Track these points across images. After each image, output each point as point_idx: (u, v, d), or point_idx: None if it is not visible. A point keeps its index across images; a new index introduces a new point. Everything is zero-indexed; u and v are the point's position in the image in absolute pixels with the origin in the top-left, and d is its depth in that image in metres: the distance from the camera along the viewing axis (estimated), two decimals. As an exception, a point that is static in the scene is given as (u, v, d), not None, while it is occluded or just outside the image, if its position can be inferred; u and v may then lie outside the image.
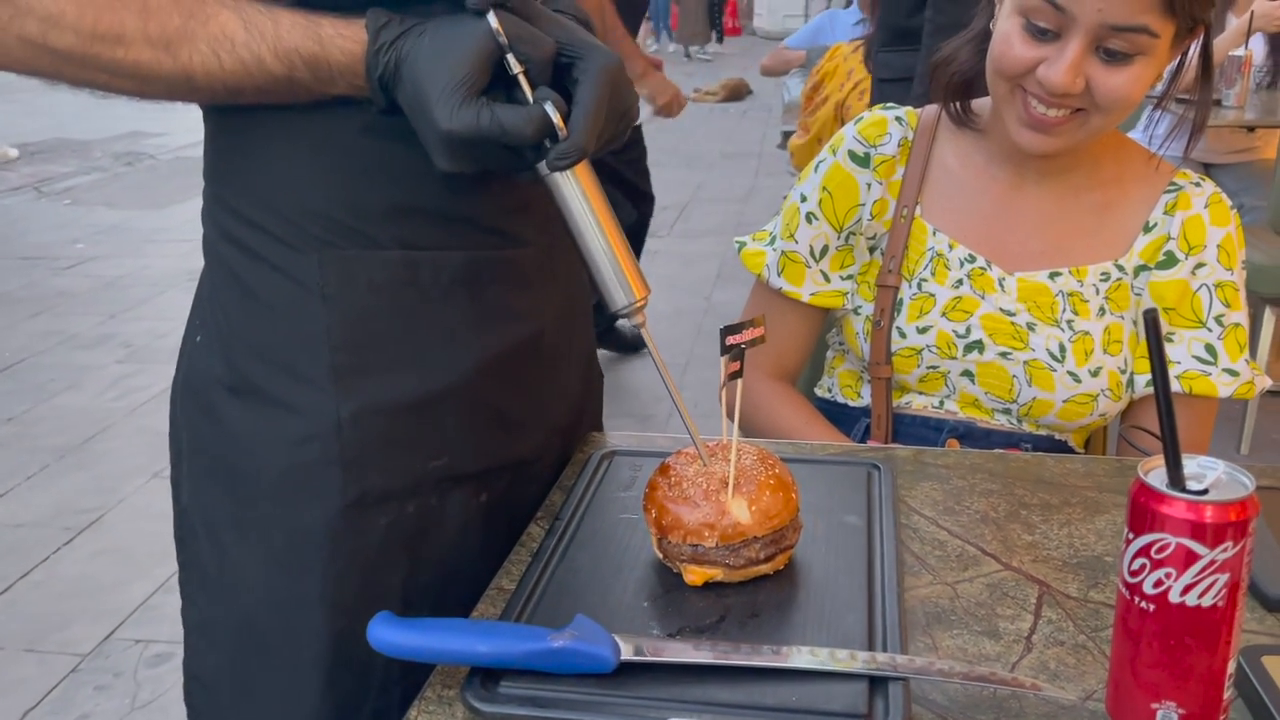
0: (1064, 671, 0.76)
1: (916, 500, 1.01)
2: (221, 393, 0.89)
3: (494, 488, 0.95)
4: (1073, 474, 1.06)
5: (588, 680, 0.72)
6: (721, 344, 0.81)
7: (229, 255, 0.88)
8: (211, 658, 0.94)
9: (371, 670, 0.89)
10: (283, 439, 0.87)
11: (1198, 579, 0.63)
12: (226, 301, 0.90)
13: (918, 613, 0.83)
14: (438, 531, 0.92)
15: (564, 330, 1.00)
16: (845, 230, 1.31)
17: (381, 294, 0.86)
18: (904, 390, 1.30)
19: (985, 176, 1.28)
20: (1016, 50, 1.13)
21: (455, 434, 0.90)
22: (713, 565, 0.83)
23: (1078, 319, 1.22)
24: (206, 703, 0.96)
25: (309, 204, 0.84)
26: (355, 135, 0.83)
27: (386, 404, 0.87)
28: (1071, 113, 1.13)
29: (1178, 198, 1.22)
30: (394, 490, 0.89)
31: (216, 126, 0.88)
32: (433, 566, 0.92)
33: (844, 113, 2.86)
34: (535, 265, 0.93)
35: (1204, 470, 0.66)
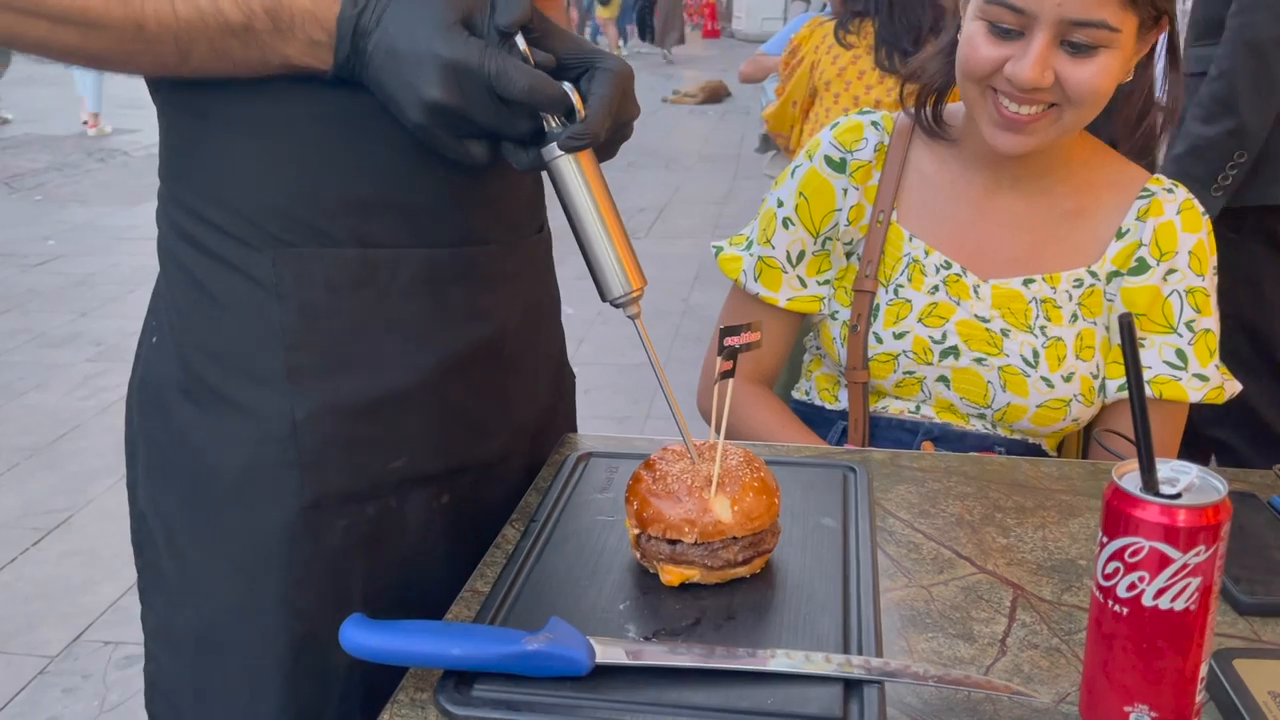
0: (1038, 674, 0.76)
1: (892, 503, 1.01)
2: (176, 395, 0.88)
3: (457, 489, 0.94)
4: (1047, 477, 1.06)
5: (562, 683, 0.72)
6: (720, 345, 0.82)
7: (183, 254, 0.87)
8: (171, 664, 0.93)
9: (333, 675, 0.88)
10: (238, 441, 0.85)
11: (1170, 582, 0.64)
12: (181, 301, 0.88)
13: (893, 615, 0.83)
14: (399, 533, 0.91)
15: (528, 331, 0.99)
16: (822, 235, 1.31)
17: (338, 292, 0.84)
18: (880, 394, 1.31)
19: (961, 182, 1.29)
20: (982, 51, 1.14)
21: (415, 435, 0.89)
22: (690, 565, 0.83)
23: (1051, 325, 1.23)
24: (167, 710, 0.95)
25: (264, 200, 0.83)
26: (311, 124, 0.81)
27: (344, 404, 0.86)
28: (1044, 109, 1.14)
29: (1150, 204, 1.23)
30: (353, 492, 0.87)
31: (170, 121, 0.87)
32: (394, 568, 0.91)
33: (815, 74, 2.89)
34: (497, 264, 0.92)
35: (1177, 474, 0.67)
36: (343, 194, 0.83)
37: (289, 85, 0.79)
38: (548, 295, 1.05)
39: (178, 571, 0.90)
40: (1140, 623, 0.65)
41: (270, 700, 0.87)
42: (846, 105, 2.81)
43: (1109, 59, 1.11)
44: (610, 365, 4.09)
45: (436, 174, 0.85)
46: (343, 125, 0.82)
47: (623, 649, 0.74)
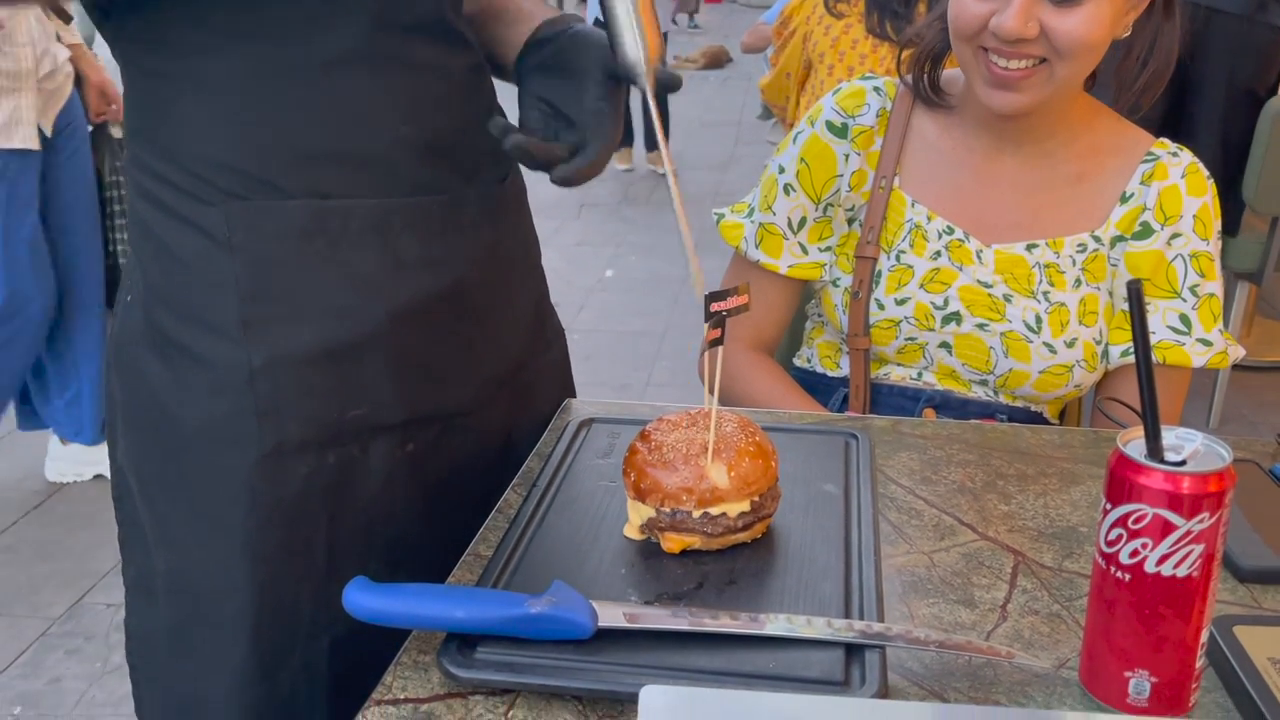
0: (1038, 640, 0.76)
1: (894, 470, 1.01)
2: (144, 348, 0.90)
3: (420, 438, 0.94)
4: (1049, 445, 1.06)
5: (565, 646, 0.72)
6: (705, 310, 0.81)
7: (145, 212, 0.88)
8: (147, 614, 0.95)
9: (298, 620, 0.90)
10: (198, 391, 0.87)
11: (1174, 549, 0.64)
12: (145, 259, 0.89)
13: (894, 581, 0.83)
14: (362, 482, 0.91)
15: (494, 281, 0.99)
16: (823, 202, 1.30)
17: (289, 243, 0.85)
18: (882, 361, 1.31)
19: (963, 148, 1.28)
20: (970, 8, 1.14)
21: (375, 384, 0.90)
22: (691, 532, 0.83)
23: (1054, 290, 1.23)
24: (145, 662, 0.97)
25: (215, 155, 0.84)
26: (260, 79, 0.82)
27: (299, 353, 0.87)
28: (1035, 65, 1.13)
29: (1154, 168, 1.23)
30: (312, 440, 0.88)
31: (129, 80, 0.87)
32: (358, 517, 0.92)
33: (808, 44, 2.87)
34: (449, 213, 0.92)
35: (1182, 441, 0.67)
36: (294, 147, 0.84)
37: (238, 40, 0.80)
38: (518, 245, 1.04)
39: (151, 523, 0.92)
40: (1142, 589, 0.65)
41: (238, 647, 0.89)
42: (841, 76, 2.78)
43: (1096, 8, 1.10)
44: (610, 332, 4.09)
45: (387, 125, 0.86)
46: (292, 79, 0.82)
47: (624, 612, 0.74)
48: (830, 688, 0.69)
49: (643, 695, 0.56)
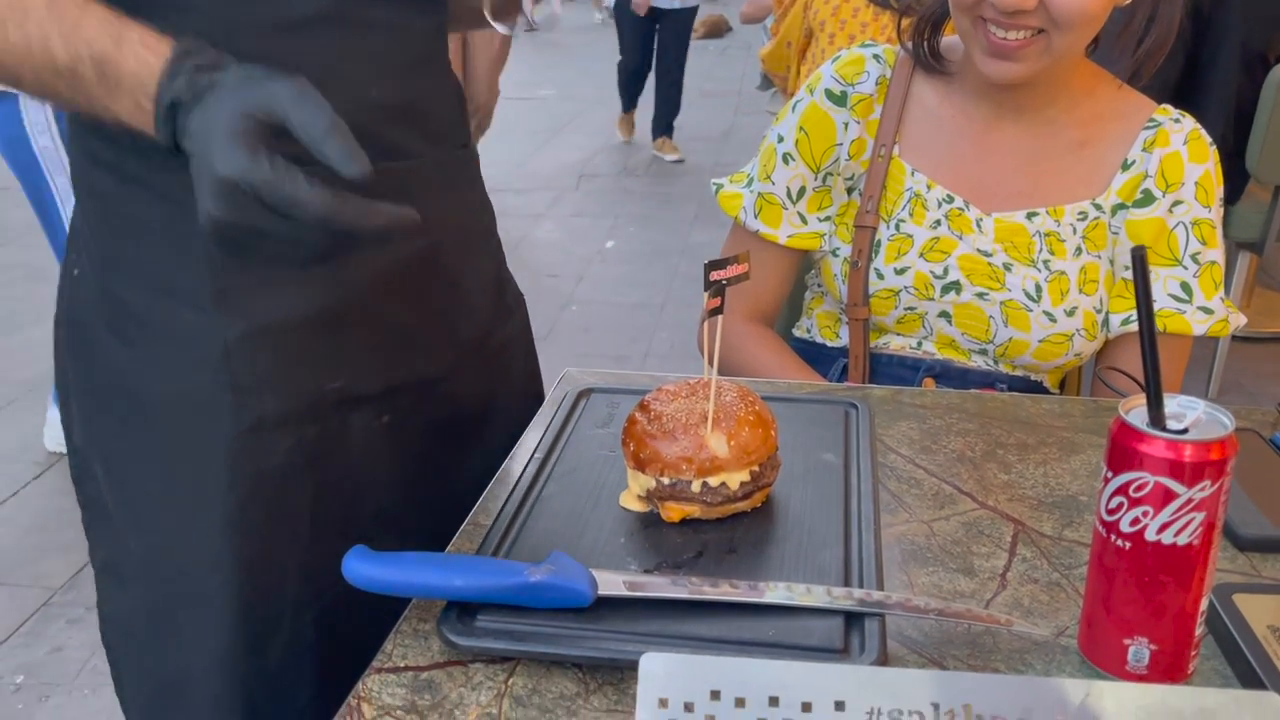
0: (1038, 608, 0.77)
1: (894, 439, 1.01)
2: (103, 327, 0.87)
3: (397, 407, 0.94)
4: (1049, 414, 1.06)
5: (564, 615, 0.72)
6: (705, 279, 0.80)
7: (100, 181, 0.86)
8: (122, 597, 0.93)
9: (284, 594, 0.89)
10: (171, 367, 0.85)
11: (1174, 517, 0.64)
12: (100, 230, 0.86)
13: (894, 550, 0.83)
14: (342, 454, 0.90)
15: (463, 247, 0.98)
16: (823, 171, 1.29)
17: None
18: (882, 331, 1.30)
19: (963, 115, 1.27)
20: None
21: (352, 353, 0.89)
22: (690, 502, 0.83)
23: (1054, 259, 1.22)
24: (123, 643, 0.95)
25: None
26: (230, 39, 0.76)
27: (275, 324, 0.85)
28: (1032, 35, 1.12)
29: (1157, 134, 1.22)
30: (291, 413, 0.87)
31: None
32: (339, 488, 0.91)
33: (809, 12, 2.85)
34: (423, 178, 0.91)
35: (1184, 409, 0.67)
36: None
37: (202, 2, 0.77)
38: (481, 211, 1.04)
39: (122, 504, 0.90)
40: (1143, 557, 0.65)
41: (222, 627, 0.88)
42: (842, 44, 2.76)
43: None
44: (608, 304, 4.08)
45: (356, 88, 0.84)
46: (259, 41, 0.79)
47: (624, 580, 0.74)
48: (830, 655, 0.69)
49: (643, 663, 0.56)
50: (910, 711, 0.56)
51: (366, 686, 0.69)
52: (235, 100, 0.67)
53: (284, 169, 0.66)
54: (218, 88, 0.68)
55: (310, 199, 0.66)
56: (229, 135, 0.66)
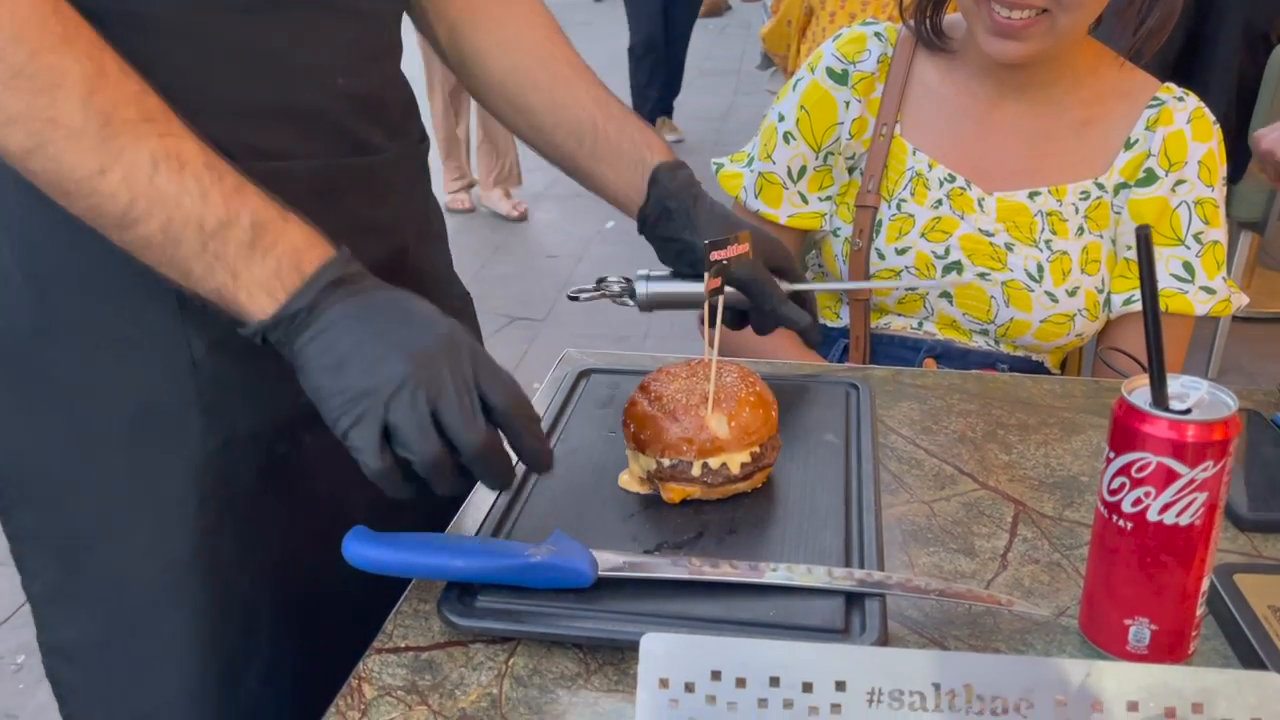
0: (1038, 589, 0.77)
1: (894, 420, 1.01)
2: (41, 338, 0.79)
3: None
4: (1050, 395, 1.06)
5: (565, 595, 0.72)
6: (705, 259, 0.80)
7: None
8: (72, 628, 0.86)
9: (258, 624, 0.84)
10: (130, 382, 0.78)
11: (1176, 498, 0.64)
12: (38, 234, 0.77)
13: (895, 530, 0.83)
14: (316, 469, 0.84)
15: (424, 247, 0.96)
16: (824, 150, 1.28)
17: None
18: (882, 312, 1.30)
19: (965, 94, 1.26)
20: None
21: None
22: (691, 482, 0.82)
23: (1056, 239, 1.22)
24: (74, 677, 0.88)
25: None
26: (192, 24, 0.73)
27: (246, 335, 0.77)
28: (1036, 14, 1.11)
29: (1160, 113, 1.21)
30: (264, 429, 0.82)
31: None
32: (314, 507, 0.85)
33: None
34: (390, 174, 0.87)
35: (1187, 390, 0.66)
36: (226, 100, 0.75)
37: None
38: (435, 208, 1.01)
39: (65, 532, 0.83)
40: (1144, 537, 0.65)
41: (191, 656, 0.82)
42: (843, 23, 2.75)
43: None
44: (608, 284, 4.07)
45: (324, 77, 0.80)
46: (223, 26, 0.74)
47: (625, 561, 0.74)
48: (830, 636, 0.69)
49: (643, 643, 0.56)
50: (911, 692, 0.56)
51: (367, 667, 0.69)
52: (452, 367, 0.68)
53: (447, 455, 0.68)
54: (415, 322, 0.70)
55: (453, 484, 0.70)
56: (420, 401, 0.67)
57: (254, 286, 0.68)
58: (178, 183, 0.66)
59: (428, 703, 0.66)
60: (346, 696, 0.67)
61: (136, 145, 0.65)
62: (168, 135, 0.66)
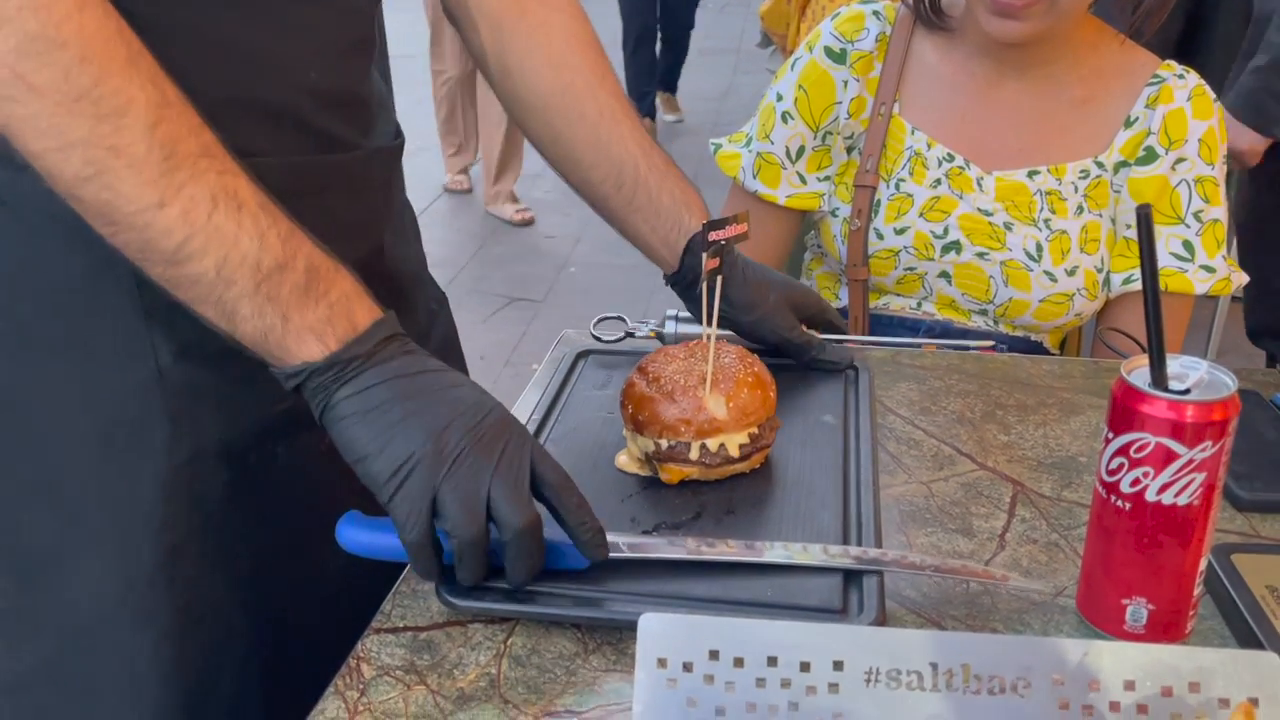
0: (1036, 569, 0.77)
1: (893, 400, 1.00)
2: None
3: None
4: (1049, 375, 1.06)
5: (563, 575, 0.72)
6: (703, 240, 0.79)
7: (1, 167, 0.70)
8: (24, 660, 0.79)
9: (227, 644, 0.80)
10: (93, 394, 0.74)
11: (1175, 478, 0.64)
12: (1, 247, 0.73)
13: (893, 511, 0.83)
14: (288, 480, 0.81)
15: (399, 247, 0.92)
16: (822, 130, 1.28)
17: None
18: (881, 292, 1.30)
19: (964, 73, 1.25)
20: None
21: None
22: (689, 463, 0.82)
23: (1055, 218, 1.21)
24: (29, 712, 0.80)
25: None
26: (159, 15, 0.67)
27: (213, 341, 0.69)
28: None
29: (1160, 91, 1.21)
30: (235, 441, 0.78)
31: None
32: (282, 519, 0.82)
33: None
34: (364, 171, 0.83)
35: (1187, 370, 0.66)
36: (195, 93, 0.68)
37: None
38: (407, 205, 0.97)
39: (22, 550, 0.77)
40: (1142, 518, 0.65)
41: (152, 682, 0.77)
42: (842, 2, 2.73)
43: None
44: (606, 265, 4.06)
45: (296, 71, 0.76)
46: (191, 18, 0.70)
47: (623, 542, 0.74)
48: (828, 615, 0.69)
49: (641, 623, 0.56)
50: (909, 671, 0.56)
51: (365, 647, 0.69)
52: (508, 443, 0.68)
53: None
54: (485, 418, 0.68)
55: (480, 571, 0.69)
56: (478, 475, 0.66)
57: (304, 330, 0.66)
58: (236, 222, 0.64)
59: (426, 682, 0.66)
60: (345, 676, 0.67)
61: (196, 181, 0.63)
62: (225, 173, 0.64)
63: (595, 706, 0.65)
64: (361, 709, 0.64)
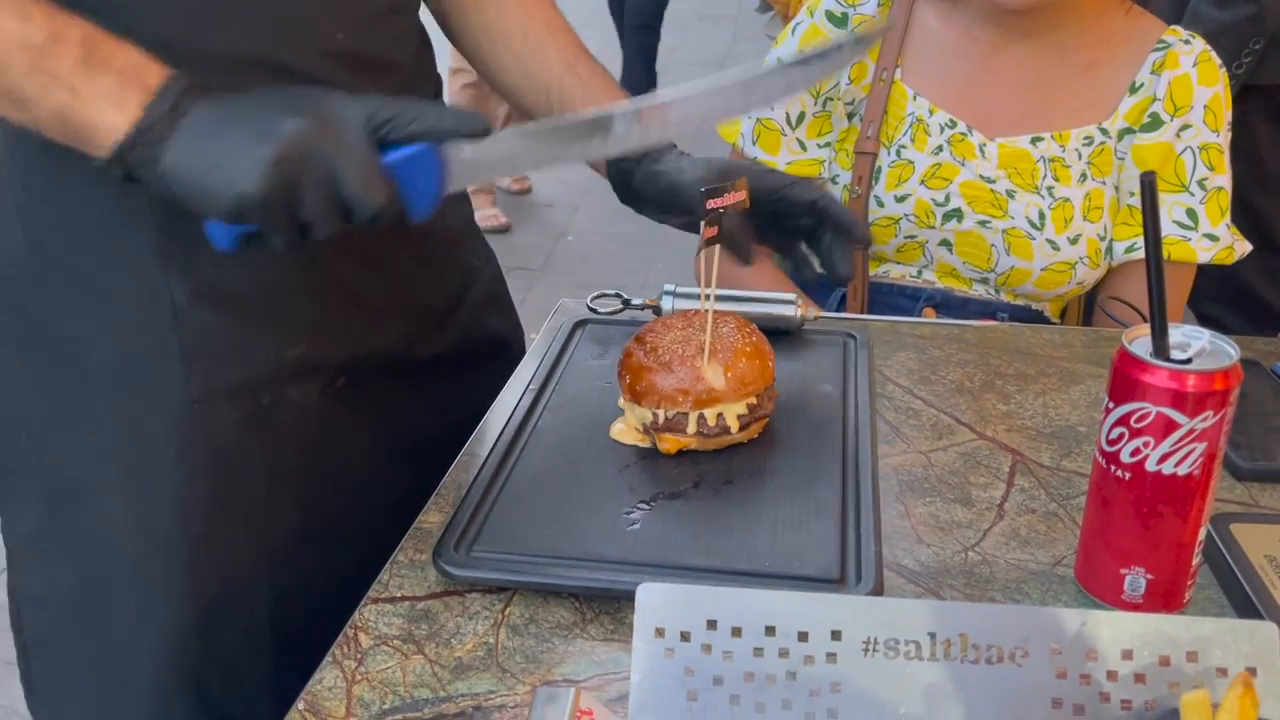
0: (1034, 538, 0.77)
1: (892, 370, 1.00)
2: (27, 278, 0.79)
3: (358, 375, 0.88)
4: (1049, 344, 1.05)
5: (561, 545, 0.72)
6: (700, 207, 0.78)
7: None
8: (42, 575, 0.86)
9: (235, 574, 0.83)
10: (112, 329, 0.78)
11: (1175, 448, 0.63)
12: (30, 176, 0.78)
13: (891, 480, 0.83)
14: (299, 424, 0.84)
15: None
16: (822, 96, 1.27)
17: None
18: (881, 260, 1.29)
19: (967, 38, 1.24)
20: None
21: (310, 319, 0.83)
22: (687, 434, 0.82)
23: (1058, 185, 1.20)
24: (48, 626, 0.87)
25: None
26: None
27: (230, 285, 0.77)
28: None
29: (1166, 56, 1.19)
30: (246, 382, 0.81)
31: None
32: (294, 461, 0.85)
33: None
34: None
35: (1188, 339, 0.66)
36: (214, 51, 0.73)
37: None
38: None
39: (48, 474, 0.83)
40: (1142, 487, 0.65)
41: (169, 605, 0.81)
42: None
43: None
44: (605, 234, 4.05)
45: (322, 31, 0.77)
46: None
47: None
48: (826, 585, 0.69)
49: (639, 593, 0.56)
50: (907, 641, 0.56)
51: (363, 616, 0.69)
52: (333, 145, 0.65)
53: None
54: None
55: None
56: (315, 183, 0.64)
57: (100, 100, 0.64)
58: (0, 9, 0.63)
59: (424, 652, 0.66)
60: (343, 646, 0.67)
61: None
62: None
63: (593, 676, 0.65)
64: (359, 678, 0.64)
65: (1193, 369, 0.62)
